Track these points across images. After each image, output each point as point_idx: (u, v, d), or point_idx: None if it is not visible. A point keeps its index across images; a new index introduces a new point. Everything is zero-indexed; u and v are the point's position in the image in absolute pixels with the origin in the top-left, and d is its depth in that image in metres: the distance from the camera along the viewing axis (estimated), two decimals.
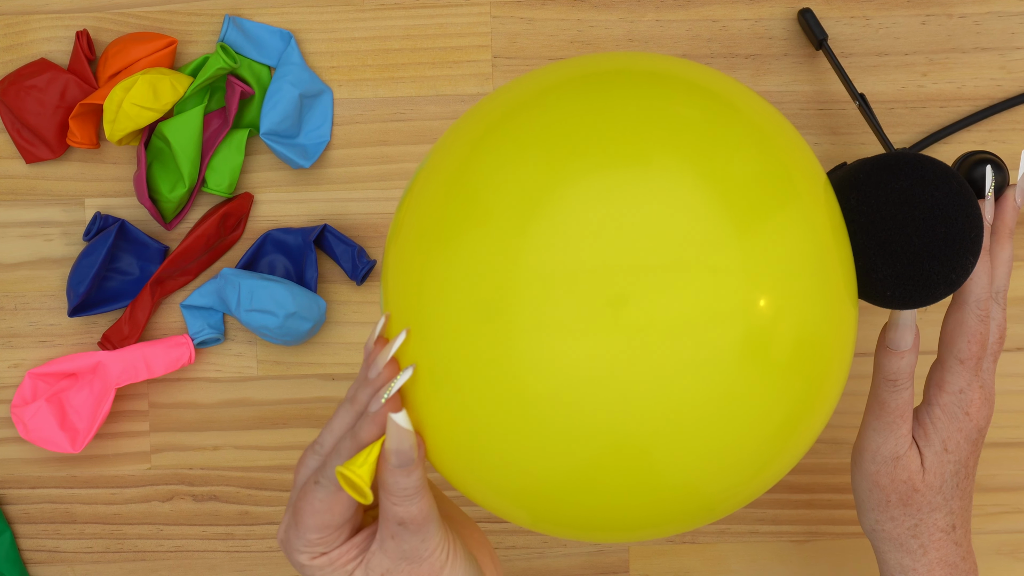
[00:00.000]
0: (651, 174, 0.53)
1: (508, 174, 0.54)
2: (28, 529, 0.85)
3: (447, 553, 0.62)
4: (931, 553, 0.72)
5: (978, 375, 0.71)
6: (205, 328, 0.84)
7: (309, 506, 0.61)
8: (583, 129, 0.54)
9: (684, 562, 0.86)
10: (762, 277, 0.53)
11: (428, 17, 0.84)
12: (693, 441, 0.53)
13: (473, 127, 0.58)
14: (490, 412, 0.54)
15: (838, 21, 0.85)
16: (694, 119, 0.55)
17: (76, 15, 0.84)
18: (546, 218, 0.53)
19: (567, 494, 0.56)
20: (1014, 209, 0.72)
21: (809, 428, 0.57)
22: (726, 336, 0.52)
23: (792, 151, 0.57)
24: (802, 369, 0.54)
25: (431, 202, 0.56)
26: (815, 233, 0.55)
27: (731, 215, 0.53)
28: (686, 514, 0.57)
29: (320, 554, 0.62)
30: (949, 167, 0.64)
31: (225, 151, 0.83)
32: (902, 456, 0.71)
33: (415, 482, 0.59)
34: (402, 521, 0.60)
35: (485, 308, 0.53)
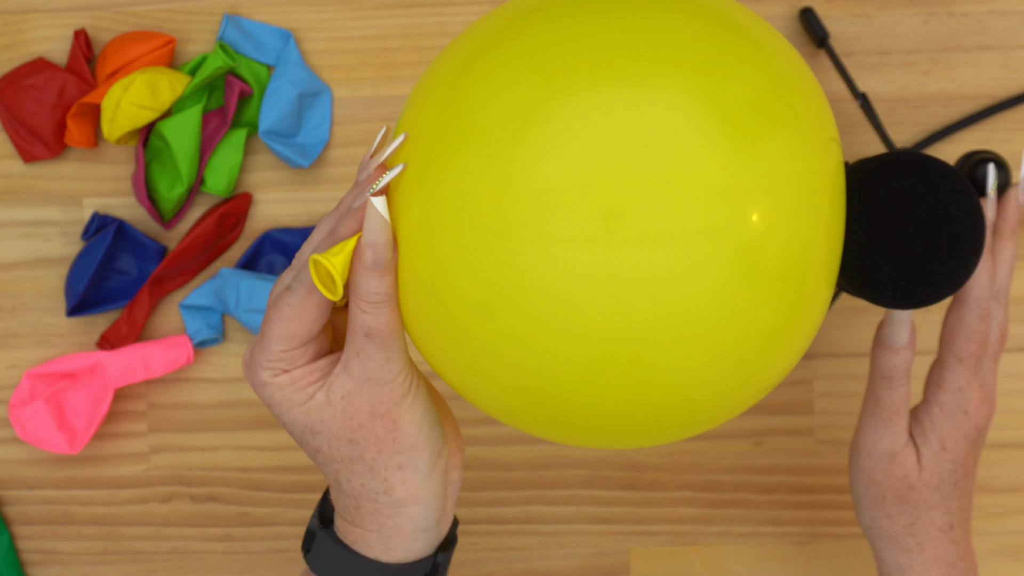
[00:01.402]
0: (647, 90, 0.54)
1: (502, 90, 0.55)
2: (26, 530, 0.85)
3: (410, 383, 0.61)
4: (928, 551, 0.72)
5: (978, 374, 0.71)
6: (204, 328, 0.83)
7: (278, 313, 0.60)
8: (578, 45, 0.55)
9: (685, 563, 0.86)
10: (755, 194, 0.55)
11: (428, 16, 0.84)
12: (683, 346, 0.55)
13: (467, 45, 0.59)
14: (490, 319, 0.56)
15: (839, 20, 0.84)
16: (694, 37, 0.56)
17: (74, 14, 0.84)
18: (540, 133, 0.54)
19: (561, 393, 0.57)
20: (1016, 208, 0.72)
21: (793, 343, 0.58)
22: (717, 249, 0.54)
23: (794, 74, 0.58)
24: (788, 284, 0.56)
25: (425, 123, 0.58)
26: (809, 155, 0.57)
27: (727, 132, 0.54)
28: (677, 419, 0.58)
29: (282, 371, 0.61)
30: (951, 166, 0.64)
31: (224, 150, 0.83)
32: (898, 453, 0.71)
33: (386, 287, 0.59)
34: (368, 331, 0.59)
35: (482, 221, 0.55)
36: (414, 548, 0.64)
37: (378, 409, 0.61)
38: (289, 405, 0.61)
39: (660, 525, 0.86)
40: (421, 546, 0.64)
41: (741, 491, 0.86)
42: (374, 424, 0.61)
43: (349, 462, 0.62)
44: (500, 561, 0.86)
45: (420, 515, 0.63)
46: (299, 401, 0.61)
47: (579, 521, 0.86)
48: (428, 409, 0.62)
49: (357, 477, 0.62)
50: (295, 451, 0.85)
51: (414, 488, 0.62)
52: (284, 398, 0.61)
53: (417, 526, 0.63)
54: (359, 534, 0.63)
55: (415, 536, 0.63)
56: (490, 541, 0.86)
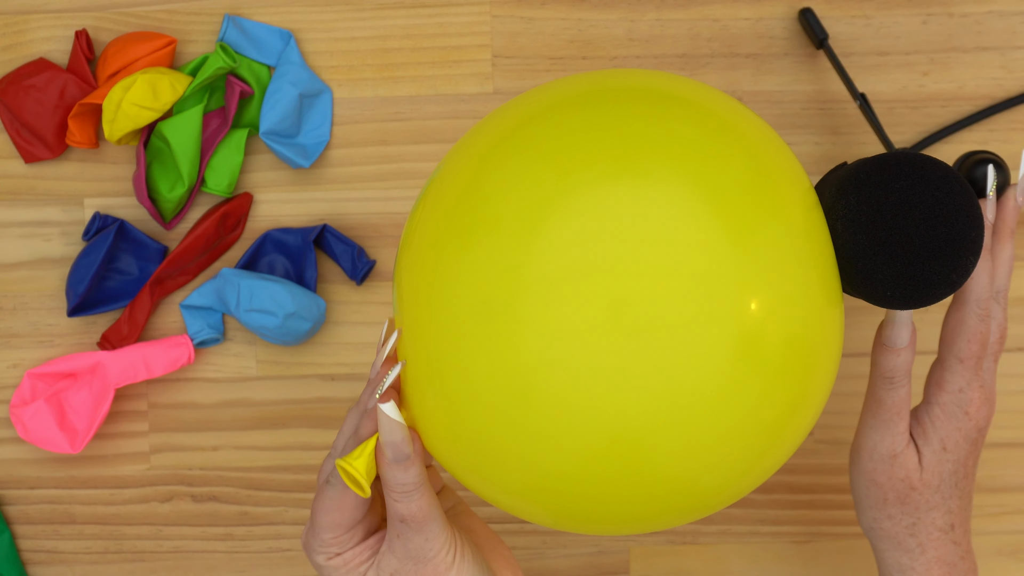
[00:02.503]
0: (650, 185, 0.57)
1: (517, 183, 0.58)
2: (27, 530, 0.85)
3: (453, 554, 0.64)
4: (929, 552, 0.72)
5: (978, 374, 0.71)
6: (204, 328, 0.84)
7: (321, 505, 0.64)
8: (587, 143, 0.58)
9: (684, 563, 0.86)
10: (752, 281, 0.57)
11: (428, 16, 0.84)
12: (688, 436, 0.57)
13: (483, 140, 0.61)
14: (493, 407, 0.57)
15: (839, 20, 0.84)
16: (689, 134, 0.59)
17: (75, 14, 0.84)
18: (552, 224, 0.57)
19: (567, 487, 0.58)
20: (1015, 209, 0.72)
21: (799, 425, 0.60)
22: (720, 337, 0.56)
23: (779, 162, 0.61)
24: (791, 368, 0.58)
25: (443, 209, 0.60)
26: (800, 241, 0.59)
27: (723, 223, 0.57)
28: (682, 508, 0.60)
29: (335, 555, 0.65)
30: (950, 167, 0.64)
31: (224, 151, 0.83)
32: (899, 454, 0.71)
33: (413, 478, 0.61)
34: (403, 518, 0.62)
35: (493, 307, 0.57)
36: None
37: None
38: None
39: None
40: None
41: None
42: None
43: None
44: None
45: None
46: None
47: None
48: (477, 568, 0.65)
49: None
50: (295, 451, 0.85)
51: None
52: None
53: None
54: None
55: None
56: None
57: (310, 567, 0.86)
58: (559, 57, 0.84)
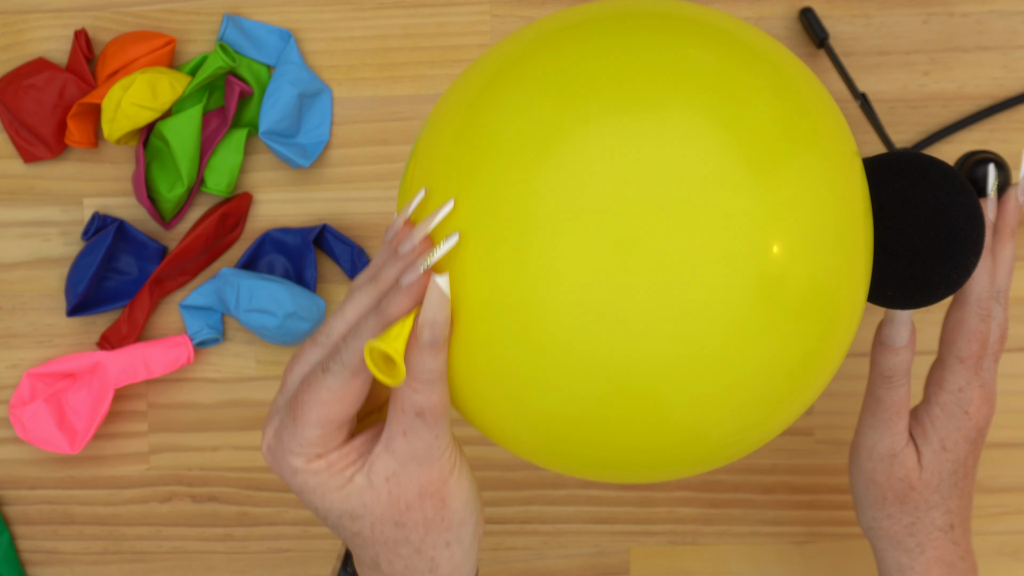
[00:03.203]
0: (665, 117, 0.53)
1: (520, 116, 0.54)
2: (26, 530, 0.85)
3: (455, 459, 0.59)
4: (928, 552, 0.72)
5: (978, 374, 0.71)
6: (204, 328, 0.84)
7: (314, 396, 0.56)
8: (596, 70, 0.54)
9: (684, 563, 0.86)
10: (776, 222, 0.53)
11: (428, 16, 0.84)
12: (700, 383, 0.53)
13: (482, 72, 0.58)
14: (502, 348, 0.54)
15: (839, 20, 0.84)
16: (711, 63, 0.55)
17: (74, 14, 0.84)
18: (558, 159, 0.53)
19: (575, 430, 0.55)
20: (1016, 208, 0.72)
21: (818, 375, 0.56)
22: (736, 279, 0.52)
23: (814, 98, 0.57)
24: (813, 315, 0.54)
25: (441, 148, 0.56)
26: (833, 180, 0.55)
27: (746, 159, 0.53)
28: (694, 456, 0.56)
29: (316, 456, 0.57)
30: (951, 167, 0.64)
31: (224, 151, 0.83)
32: (898, 453, 0.71)
33: (441, 364, 0.55)
34: (421, 411, 0.56)
35: (497, 250, 0.53)
36: None
37: (427, 489, 0.58)
38: (325, 491, 0.57)
39: (660, 525, 0.86)
40: None
41: (741, 491, 0.86)
42: (423, 504, 0.58)
43: (394, 545, 0.59)
44: (500, 561, 0.86)
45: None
46: (336, 486, 0.57)
47: (579, 521, 0.86)
48: (472, 479, 0.60)
49: (400, 559, 0.59)
50: None
51: (459, 561, 0.60)
52: (319, 483, 0.57)
53: None
54: None
55: None
56: (490, 541, 0.86)
57: (309, 568, 0.86)
58: None
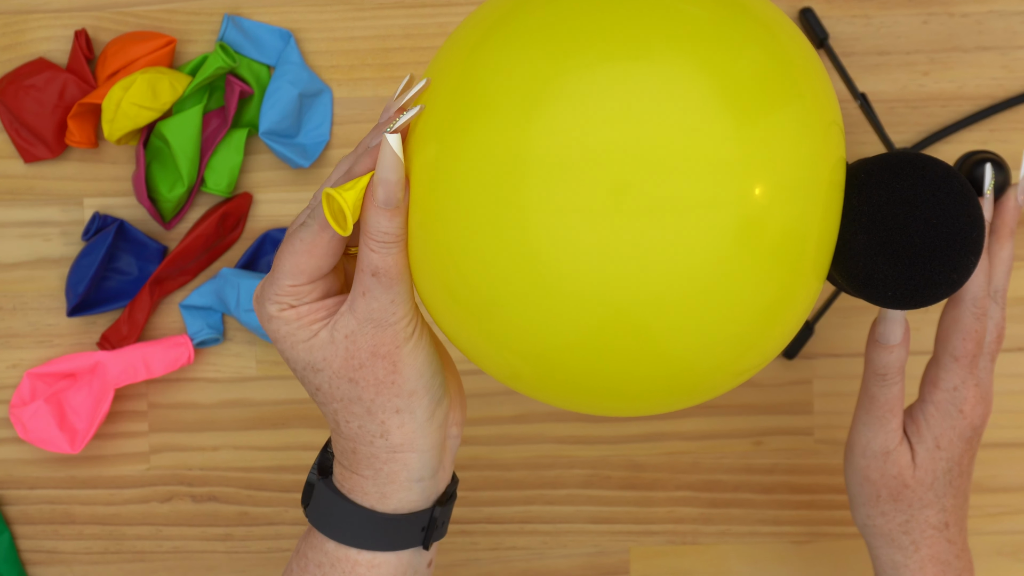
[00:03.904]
0: (654, 66, 0.56)
1: (513, 66, 0.58)
2: (27, 530, 0.85)
3: (413, 328, 0.62)
4: (923, 550, 0.72)
5: (973, 373, 0.71)
6: (204, 328, 0.84)
7: (290, 247, 0.62)
8: (587, 23, 0.57)
9: (684, 563, 0.86)
10: (757, 168, 0.57)
11: (428, 16, 0.84)
12: (685, 315, 0.57)
13: (476, 27, 0.61)
14: (501, 283, 0.58)
15: (839, 20, 0.84)
16: (699, 16, 0.58)
17: (75, 14, 0.84)
18: (551, 107, 0.56)
19: (566, 358, 0.59)
20: (1015, 209, 0.72)
21: (787, 319, 0.60)
22: (720, 221, 0.56)
23: (799, 55, 0.60)
24: (785, 259, 0.58)
25: (439, 100, 0.60)
26: (810, 135, 0.59)
27: (731, 108, 0.56)
28: (676, 386, 0.60)
29: (289, 306, 0.62)
30: (950, 167, 0.64)
31: (224, 151, 0.83)
32: (892, 451, 0.71)
33: (396, 228, 0.60)
34: (376, 271, 0.60)
35: (496, 192, 0.57)
36: (410, 498, 0.64)
37: (379, 350, 0.62)
38: (293, 341, 0.62)
39: (660, 525, 0.86)
40: (417, 496, 0.64)
41: (741, 491, 0.86)
42: (375, 365, 0.62)
43: (348, 402, 0.63)
44: (500, 561, 0.86)
45: (415, 463, 0.64)
46: (303, 338, 0.62)
47: (579, 521, 0.86)
48: (430, 357, 0.63)
49: (355, 418, 0.63)
50: (295, 451, 0.85)
51: (410, 433, 0.63)
52: (289, 333, 0.62)
53: (412, 474, 0.64)
54: (356, 481, 0.64)
55: (410, 485, 0.64)
56: (490, 541, 0.86)
57: None
58: None
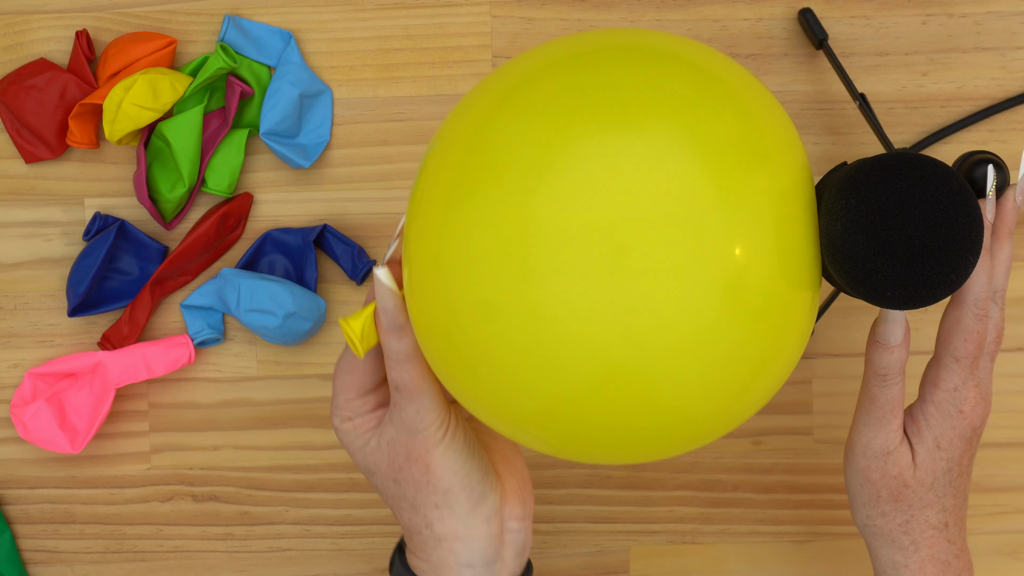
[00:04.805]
0: (646, 138, 0.61)
1: (521, 137, 0.62)
2: (28, 529, 0.85)
3: (444, 433, 0.68)
4: (923, 550, 0.72)
5: (974, 374, 0.71)
6: (205, 328, 0.84)
7: (337, 367, 0.69)
8: (587, 98, 0.62)
9: (684, 562, 0.86)
10: (737, 231, 0.61)
11: (428, 17, 0.84)
12: (680, 369, 0.61)
13: (484, 99, 0.65)
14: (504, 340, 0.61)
15: (838, 21, 0.85)
16: (682, 91, 0.63)
17: (76, 15, 0.84)
18: (556, 175, 0.61)
19: (569, 414, 0.62)
20: (1014, 209, 0.72)
21: (776, 368, 0.64)
22: (707, 281, 0.60)
23: (769, 119, 0.64)
24: (769, 316, 0.62)
25: (450, 165, 0.63)
26: (783, 194, 0.63)
27: (712, 175, 0.61)
28: (677, 435, 0.64)
29: (347, 419, 0.70)
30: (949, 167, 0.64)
31: (225, 151, 0.83)
32: (892, 451, 0.71)
33: (406, 347, 0.65)
34: (396, 386, 0.66)
35: (502, 253, 0.60)
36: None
37: (412, 454, 0.68)
38: (353, 448, 0.70)
39: (660, 524, 0.86)
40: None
41: (740, 490, 0.86)
42: (411, 467, 0.68)
43: (397, 499, 0.69)
44: None
45: (462, 551, 0.69)
46: (359, 445, 0.70)
47: (579, 520, 0.86)
48: (464, 457, 0.68)
49: (404, 512, 0.69)
50: (295, 451, 0.85)
51: (452, 526, 0.69)
52: (350, 442, 0.70)
53: (460, 560, 0.69)
54: (416, 563, 0.70)
55: (460, 570, 0.69)
56: None
57: (310, 567, 0.86)
58: None
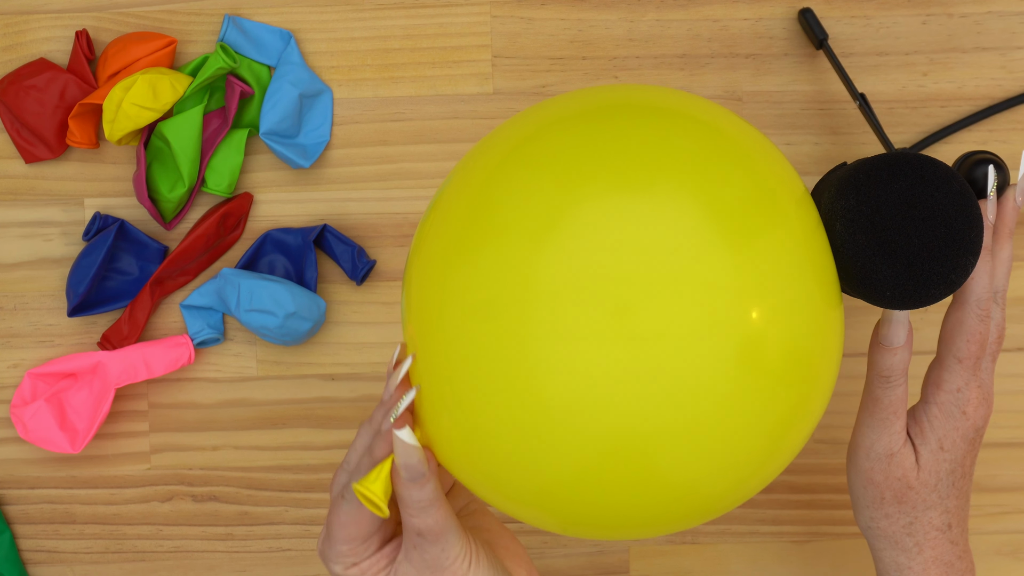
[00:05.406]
0: (652, 197, 0.58)
1: (525, 195, 0.60)
2: (27, 529, 0.85)
3: (469, 561, 0.65)
4: (926, 551, 0.72)
5: (976, 374, 0.71)
6: (205, 328, 0.84)
7: (337, 520, 0.65)
8: (592, 157, 0.60)
9: (684, 562, 0.86)
10: (752, 291, 0.58)
11: (428, 17, 0.84)
12: (691, 444, 0.57)
13: (489, 154, 0.63)
14: (503, 413, 0.58)
15: (838, 21, 0.85)
16: (689, 148, 0.60)
17: (75, 15, 0.84)
18: (558, 235, 0.58)
19: (574, 494, 0.59)
20: (1014, 209, 0.72)
21: (801, 432, 0.61)
22: (721, 346, 0.57)
23: (776, 171, 0.62)
24: (792, 374, 0.59)
25: (452, 220, 0.61)
26: (798, 248, 0.60)
27: (723, 234, 0.58)
28: (686, 513, 0.61)
29: (352, 564, 0.66)
30: (949, 167, 0.64)
31: (225, 151, 0.83)
32: (896, 453, 0.71)
33: (428, 494, 0.62)
34: (420, 532, 0.63)
35: (501, 314, 0.58)
36: None
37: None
38: None
39: None
40: None
41: None
42: None
43: None
44: None
45: None
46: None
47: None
48: (490, 567, 0.66)
49: None
50: (295, 451, 0.85)
51: None
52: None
53: None
54: None
55: None
56: None
57: (310, 567, 0.86)
58: (559, 57, 0.84)
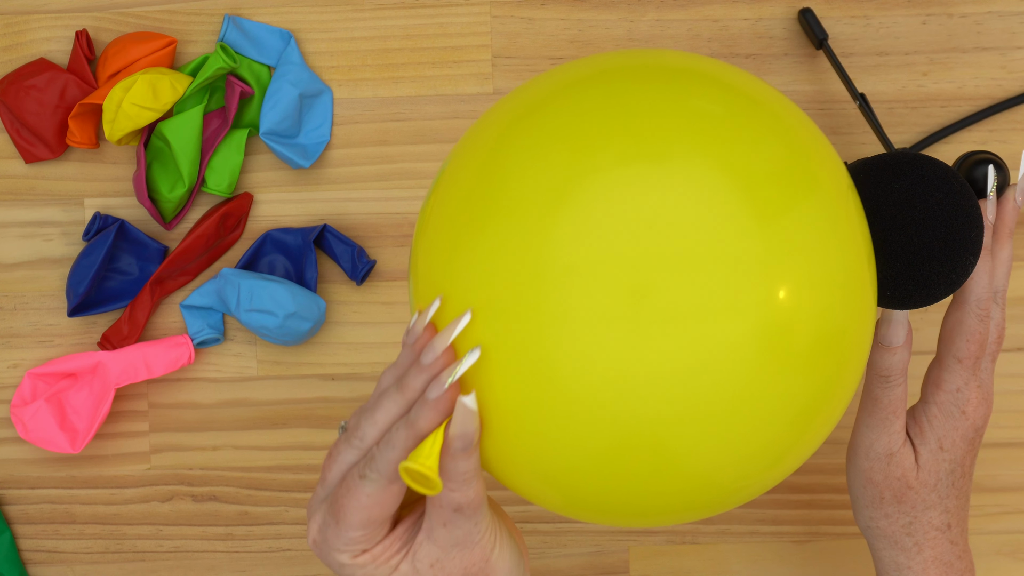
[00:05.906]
0: (673, 167, 0.54)
1: (533, 166, 0.55)
2: (27, 529, 0.85)
3: (495, 536, 0.61)
4: (926, 551, 0.72)
5: (976, 374, 0.71)
6: (205, 328, 0.84)
7: (355, 502, 0.59)
8: (606, 123, 0.55)
9: (684, 562, 0.86)
10: (782, 269, 0.54)
11: (428, 17, 0.84)
12: (709, 431, 0.54)
13: (498, 121, 0.59)
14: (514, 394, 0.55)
15: (838, 21, 0.85)
16: (716, 113, 0.56)
17: (75, 15, 0.84)
18: (570, 210, 0.54)
19: (586, 475, 0.56)
20: (1014, 209, 0.72)
21: (826, 420, 0.57)
22: (745, 327, 0.53)
23: (813, 144, 0.58)
24: (821, 361, 0.55)
25: (457, 196, 0.57)
26: (836, 225, 0.56)
27: (752, 207, 0.54)
28: (702, 502, 0.58)
29: (362, 551, 0.60)
30: (949, 167, 0.64)
31: (225, 151, 0.83)
32: (895, 453, 0.71)
33: (474, 464, 0.58)
34: (459, 507, 0.59)
35: (511, 295, 0.54)
36: None
37: (471, 570, 0.61)
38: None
39: None
40: None
41: None
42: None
43: None
44: None
45: None
46: (383, 574, 0.61)
47: (579, 520, 0.86)
48: (514, 549, 0.63)
49: None
50: (295, 451, 0.85)
51: None
52: (369, 574, 0.61)
53: None
54: None
55: None
56: None
57: (310, 567, 0.86)
58: (559, 57, 0.84)
